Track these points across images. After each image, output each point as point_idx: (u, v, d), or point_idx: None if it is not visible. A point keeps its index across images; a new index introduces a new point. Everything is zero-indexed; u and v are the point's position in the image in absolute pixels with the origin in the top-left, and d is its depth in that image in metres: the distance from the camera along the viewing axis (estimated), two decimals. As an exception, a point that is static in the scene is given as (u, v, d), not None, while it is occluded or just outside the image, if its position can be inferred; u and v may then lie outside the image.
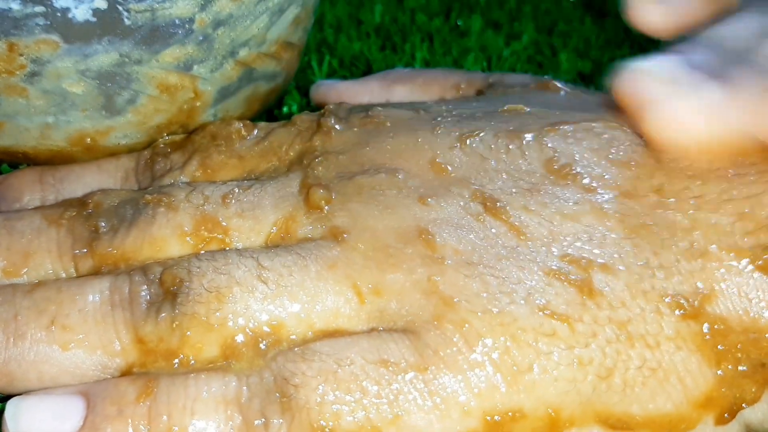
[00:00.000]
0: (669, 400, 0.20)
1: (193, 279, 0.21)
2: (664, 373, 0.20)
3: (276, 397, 0.19)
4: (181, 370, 0.20)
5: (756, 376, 0.20)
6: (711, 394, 0.20)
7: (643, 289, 0.20)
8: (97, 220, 0.24)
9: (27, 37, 0.23)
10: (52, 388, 0.21)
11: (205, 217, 0.23)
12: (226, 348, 0.20)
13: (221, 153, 0.26)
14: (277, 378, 0.20)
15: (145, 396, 0.19)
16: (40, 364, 0.21)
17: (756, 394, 0.20)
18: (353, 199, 0.23)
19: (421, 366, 0.19)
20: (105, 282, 0.22)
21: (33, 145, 0.27)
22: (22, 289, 0.22)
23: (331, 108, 0.27)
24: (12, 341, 0.21)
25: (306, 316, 0.21)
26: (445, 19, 0.44)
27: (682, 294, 0.20)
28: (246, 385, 0.20)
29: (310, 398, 0.19)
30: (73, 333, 0.21)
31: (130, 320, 0.21)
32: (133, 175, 0.27)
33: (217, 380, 0.20)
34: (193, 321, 0.20)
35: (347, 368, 0.19)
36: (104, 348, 0.21)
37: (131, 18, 0.24)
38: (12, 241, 0.23)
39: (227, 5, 0.25)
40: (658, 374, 0.20)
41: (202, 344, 0.20)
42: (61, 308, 0.21)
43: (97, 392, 0.20)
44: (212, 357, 0.20)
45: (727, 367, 0.20)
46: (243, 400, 0.19)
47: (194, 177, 0.26)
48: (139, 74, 0.25)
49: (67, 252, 0.23)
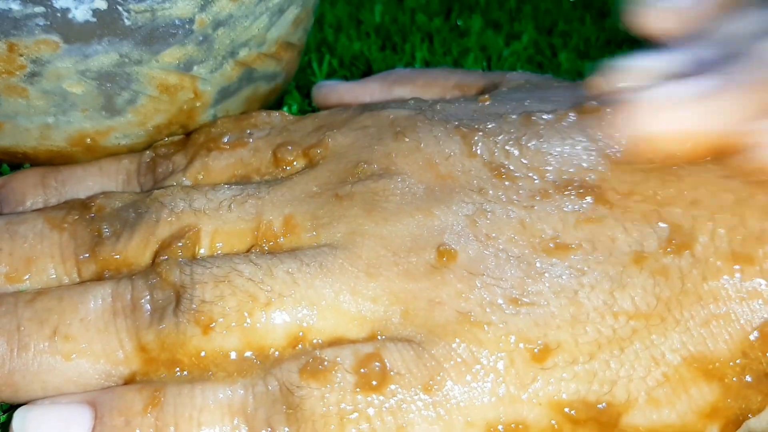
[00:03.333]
0: (674, 411, 0.19)
1: (196, 286, 0.21)
2: (669, 384, 0.19)
3: (282, 408, 0.19)
4: (186, 378, 0.20)
5: (761, 386, 0.20)
6: (716, 404, 0.19)
7: (647, 301, 0.20)
8: (100, 224, 0.23)
9: (27, 38, 0.23)
10: (58, 397, 0.20)
11: (208, 222, 0.23)
12: (230, 355, 0.20)
13: (222, 154, 0.26)
14: (283, 387, 0.20)
15: (152, 407, 0.19)
16: (44, 375, 0.21)
17: (762, 404, 0.20)
18: (357, 205, 0.22)
19: (425, 377, 0.19)
20: (107, 289, 0.22)
21: (33, 145, 0.27)
22: (23, 299, 0.22)
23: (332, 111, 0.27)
24: (15, 352, 0.21)
25: (309, 323, 0.21)
26: (445, 19, 0.44)
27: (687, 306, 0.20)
28: (252, 394, 0.20)
29: (315, 409, 0.19)
30: (75, 343, 0.21)
31: (132, 328, 0.21)
32: (134, 177, 0.27)
33: (223, 390, 0.20)
34: (196, 329, 0.20)
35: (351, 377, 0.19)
36: (107, 357, 0.21)
37: (131, 18, 0.24)
38: (15, 246, 0.23)
39: (227, 5, 0.25)
40: (663, 386, 0.19)
41: (205, 351, 0.20)
42: (62, 318, 0.21)
43: (105, 402, 0.20)
44: (215, 364, 0.20)
45: (732, 378, 0.20)
46: (249, 410, 0.19)
47: (196, 179, 0.25)
48: (139, 74, 0.25)
49: (70, 257, 0.23)
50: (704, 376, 0.20)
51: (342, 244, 0.22)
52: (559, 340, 0.20)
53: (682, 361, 0.20)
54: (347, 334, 0.21)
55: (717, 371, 0.20)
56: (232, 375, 0.20)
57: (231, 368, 0.20)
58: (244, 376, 0.20)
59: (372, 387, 0.19)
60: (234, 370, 0.20)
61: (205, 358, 0.20)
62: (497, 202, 0.22)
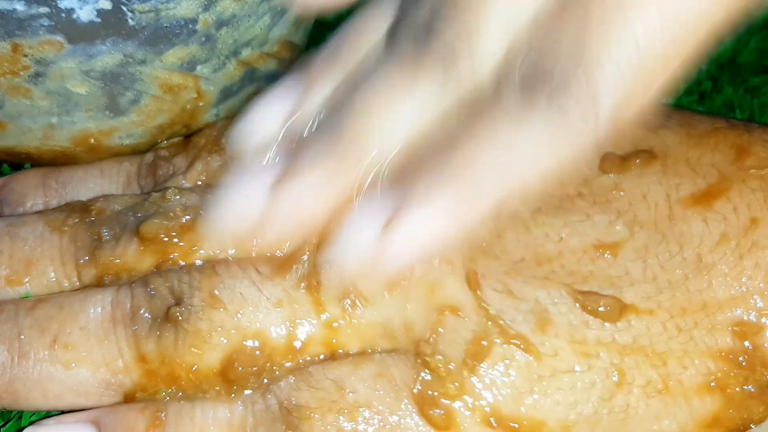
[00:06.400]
0: (674, 422, 0.19)
1: (195, 293, 0.21)
2: (670, 394, 0.19)
3: (281, 427, 0.19)
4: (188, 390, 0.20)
5: (764, 396, 0.20)
6: (718, 414, 0.19)
7: (648, 307, 0.20)
8: (100, 228, 0.23)
9: (31, 38, 0.23)
10: (63, 416, 0.21)
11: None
12: (229, 366, 0.20)
13: (223, 157, 0.26)
14: (282, 406, 0.20)
15: (154, 427, 0.20)
16: (44, 383, 0.21)
17: (764, 414, 0.20)
18: None
19: (424, 389, 0.19)
20: (107, 297, 0.22)
21: (36, 145, 0.27)
22: (24, 306, 0.22)
23: None
24: (16, 361, 0.21)
25: (310, 333, 0.20)
26: (444, 18, 0.44)
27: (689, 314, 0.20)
28: (252, 413, 0.20)
29: (314, 428, 0.19)
30: (75, 351, 0.21)
31: (132, 337, 0.21)
32: (135, 179, 0.27)
33: (223, 408, 0.20)
34: (197, 338, 0.20)
35: (350, 397, 0.19)
36: (107, 366, 0.21)
37: (135, 18, 0.24)
38: (15, 249, 0.23)
39: (230, 5, 0.25)
40: (664, 395, 0.19)
41: (204, 362, 0.20)
42: (63, 326, 0.21)
43: (108, 422, 0.20)
44: (215, 375, 0.20)
45: (735, 388, 0.19)
46: (249, 429, 0.20)
47: (197, 182, 0.25)
48: (142, 74, 0.25)
49: (70, 260, 0.23)
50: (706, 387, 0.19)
51: None
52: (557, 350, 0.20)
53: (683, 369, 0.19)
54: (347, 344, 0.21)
55: (719, 382, 0.19)
56: (231, 387, 0.20)
57: (230, 378, 0.20)
58: (243, 387, 0.20)
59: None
60: (233, 381, 0.20)
61: (203, 367, 0.20)
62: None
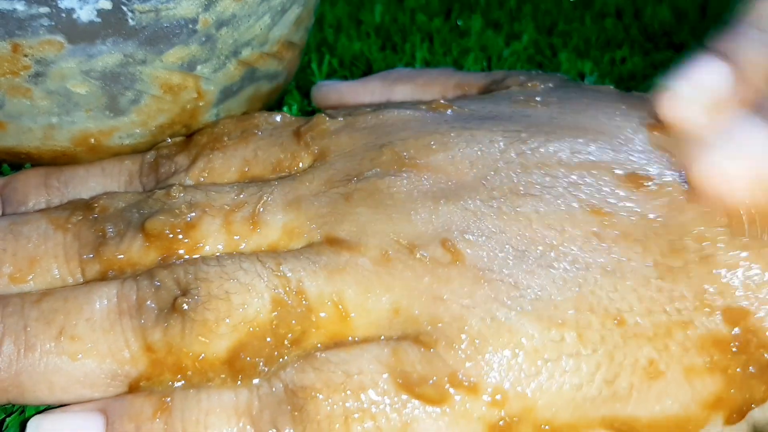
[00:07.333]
0: (676, 402, 0.20)
1: (201, 284, 0.21)
2: (672, 375, 0.20)
3: (287, 408, 0.19)
4: (194, 379, 0.21)
5: (765, 376, 0.20)
6: (720, 395, 0.20)
7: (650, 293, 0.20)
8: (104, 225, 0.23)
9: (31, 38, 0.23)
10: (70, 406, 0.21)
11: (210, 221, 0.23)
12: (236, 355, 0.20)
13: (225, 154, 0.26)
14: (287, 389, 0.20)
15: (161, 412, 0.20)
16: (51, 375, 0.21)
17: (766, 394, 0.20)
18: (362, 203, 0.22)
19: (430, 374, 0.19)
20: (112, 289, 0.22)
21: (36, 145, 0.27)
22: (30, 299, 0.22)
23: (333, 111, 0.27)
24: (22, 353, 0.21)
25: (314, 323, 0.21)
26: (445, 19, 0.45)
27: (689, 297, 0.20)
28: (257, 396, 0.20)
29: (320, 409, 0.19)
30: (81, 343, 0.21)
31: (138, 328, 0.21)
32: (137, 177, 0.27)
33: (229, 392, 0.20)
34: (204, 327, 0.20)
35: (356, 378, 0.20)
36: (113, 357, 0.21)
37: (135, 18, 0.24)
38: (18, 247, 0.23)
39: (230, 5, 0.25)
40: (666, 376, 0.20)
41: (211, 351, 0.20)
42: (68, 318, 0.21)
43: (115, 409, 0.20)
44: (222, 363, 0.20)
45: (736, 368, 0.20)
46: (254, 412, 0.20)
47: (199, 179, 0.25)
48: (142, 74, 0.25)
49: (74, 257, 0.23)
50: (707, 367, 0.20)
51: (347, 242, 0.22)
52: (563, 335, 0.20)
53: (684, 351, 0.20)
54: (353, 333, 0.21)
55: (719, 363, 0.20)
56: (237, 376, 0.20)
57: (237, 367, 0.20)
58: (250, 376, 0.20)
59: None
60: (239, 370, 0.20)
61: (210, 357, 0.20)
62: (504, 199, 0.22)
